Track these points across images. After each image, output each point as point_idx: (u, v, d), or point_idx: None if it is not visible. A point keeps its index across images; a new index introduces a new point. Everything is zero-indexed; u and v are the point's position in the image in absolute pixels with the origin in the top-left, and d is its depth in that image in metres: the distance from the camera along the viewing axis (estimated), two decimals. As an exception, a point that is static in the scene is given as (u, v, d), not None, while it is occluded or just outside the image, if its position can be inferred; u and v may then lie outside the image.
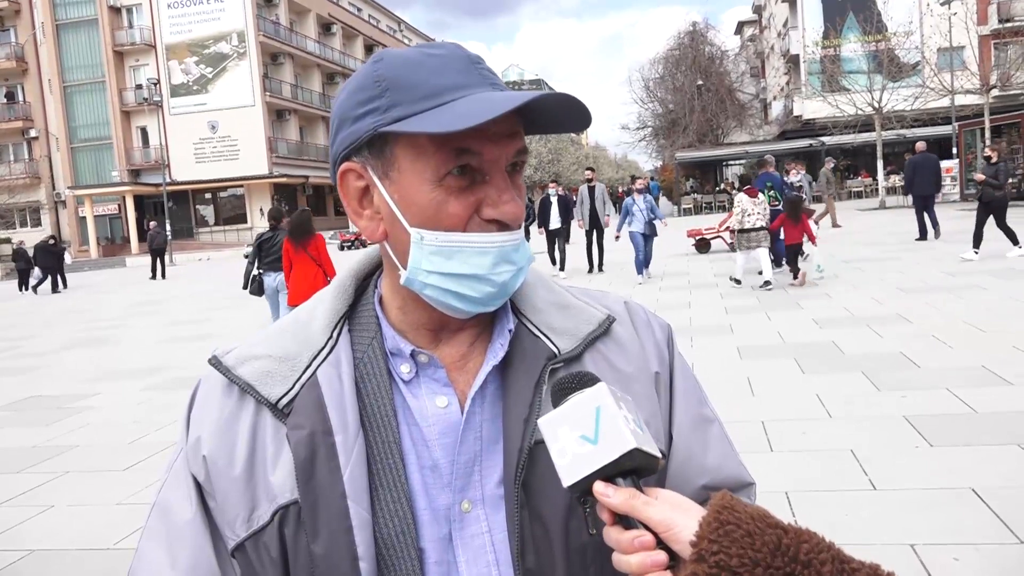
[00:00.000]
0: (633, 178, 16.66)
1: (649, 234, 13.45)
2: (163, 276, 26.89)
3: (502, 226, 0.84)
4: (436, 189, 0.82)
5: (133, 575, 0.88)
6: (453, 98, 0.81)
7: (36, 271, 25.59)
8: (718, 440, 0.97)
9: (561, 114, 0.85)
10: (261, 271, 9.24)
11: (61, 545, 4.31)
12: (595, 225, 15.01)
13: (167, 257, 35.70)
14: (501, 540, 0.84)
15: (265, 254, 9.25)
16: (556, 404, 0.75)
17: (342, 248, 35.85)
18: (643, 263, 13.53)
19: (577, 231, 16.14)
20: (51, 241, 26.18)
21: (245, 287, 9.38)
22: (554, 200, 15.54)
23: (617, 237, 14.00)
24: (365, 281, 0.98)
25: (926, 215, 15.99)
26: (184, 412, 0.93)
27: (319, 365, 0.87)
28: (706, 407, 0.99)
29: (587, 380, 0.75)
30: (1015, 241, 12.06)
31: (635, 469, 0.71)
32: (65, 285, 25.62)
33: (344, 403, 0.85)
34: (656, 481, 0.89)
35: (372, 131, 0.83)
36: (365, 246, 36.03)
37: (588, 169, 15.88)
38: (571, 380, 0.76)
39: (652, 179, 43.69)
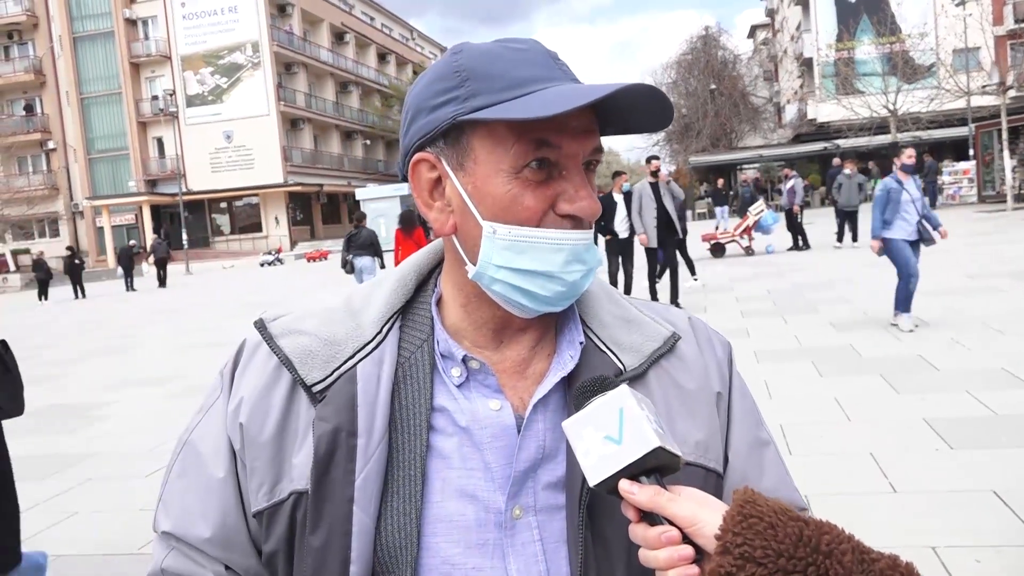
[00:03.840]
0: (897, 146, 9.27)
1: (926, 239, 8.22)
2: (163, 284, 27.89)
3: (576, 223, 0.83)
4: (512, 181, 0.81)
5: (166, 508, 0.93)
6: (534, 89, 0.79)
7: (120, 270, 28.89)
8: (773, 463, 0.97)
9: (640, 111, 0.83)
10: (352, 256, 12.17)
11: (85, 551, 4.35)
12: (667, 237, 10.70)
13: (186, 265, 36.17)
14: (553, 550, 0.83)
15: (353, 244, 12.21)
16: (579, 407, 0.76)
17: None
18: (909, 293, 8.01)
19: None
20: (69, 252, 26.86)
21: (343, 267, 12.40)
22: (619, 200, 11.29)
23: (879, 246, 8.20)
24: (427, 277, 0.96)
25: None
26: (228, 366, 0.94)
27: (361, 359, 0.87)
28: (763, 429, 0.98)
29: (608, 383, 0.77)
30: (692, 271, 12.92)
31: (658, 467, 0.73)
32: (133, 288, 27.37)
33: (376, 405, 0.84)
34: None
35: (451, 120, 0.81)
36: (282, 263, 36.26)
37: (652, 158, 11.09)
38: (593, 384, 0.77)
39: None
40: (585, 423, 0.74)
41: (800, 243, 17.92)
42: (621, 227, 11.32)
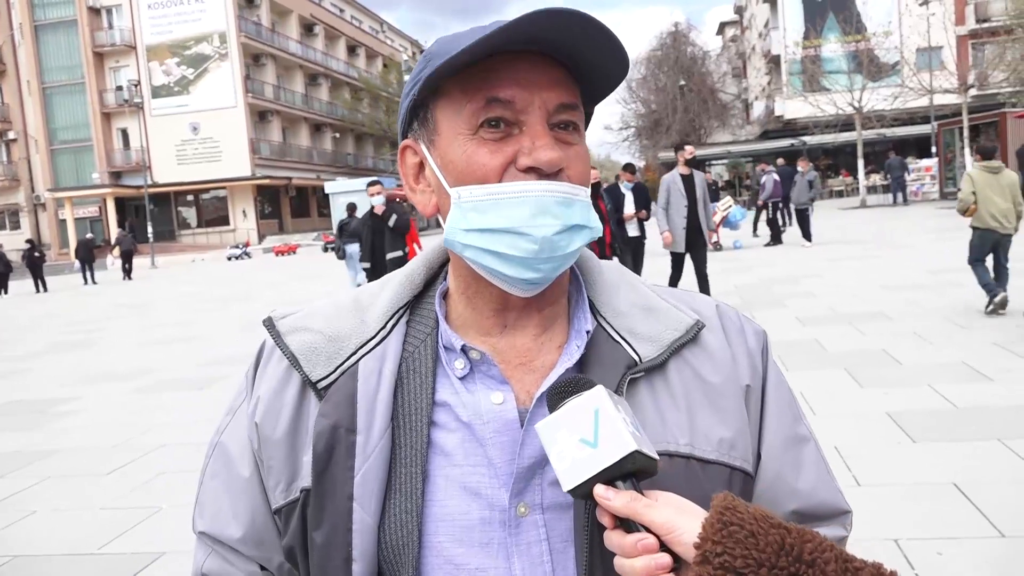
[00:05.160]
0: None
1: None
2: (129, 277, 28.16)
3: (542, 177, 0.79)
4: (469, 142, 0.80)
5: (202, 509, 0.94)
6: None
7: (77, 264, 29.31)
8: (813, 462, 0.90)
9: (601, 66, 0.80)
10: (344, 243, 13.45)
11: (44, 551, 4.26)
12: (695, 242, 9.09)
13: (151, 259, 35.65)
14: (560, 550, 0.80)
15: (345, 232, 13.47)
16: (552, 409, 0.74)
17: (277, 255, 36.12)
18: None
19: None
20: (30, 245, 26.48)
21: (335, 251, 13.81)
22: (627, 192, 10.10)
23: None
24: (440, 270, 0.95)
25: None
26: (250, 367, 0.94)
27: (364, 355, 0.86)
28: (801, 424, 0.92)
29: (584, 384, 0.74)
30: None
31: (635, 472, 0.71)
32: (94, 281, 27.57)
33: (376, 401, 0.83)
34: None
35: (412, 97, 0.83)
36: (250, 256, 36.01)
37: (685, 143, 9.64)
38: (568, 385, 0.75)
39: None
40: (559, 425, 0.72)
41: (771, 238, 18.06)
42: (631, 227, 10.18)
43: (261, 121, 48.23)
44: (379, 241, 9.14)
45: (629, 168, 10.97)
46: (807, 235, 17.21)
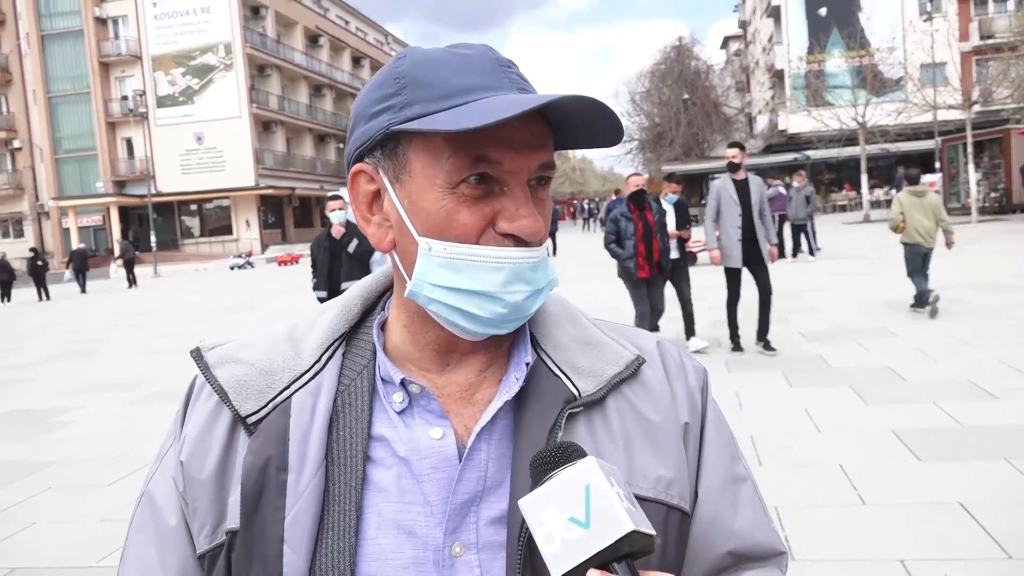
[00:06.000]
0: None
1: None
2: (133, 284, 28.72)
3: (519, 242, 0.77)
4: (447, 196, 0.76)
5: (125, 563, 0.88)
6: (472, 99, 0.75)
7: (67, 273, 29.35)
8: (749, 502, 0.89)
9: (589, 125, 0.79)
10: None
11: (43, 563, 4.24)
12: (753, 257, 7.88)
13: (154, 268, 35.73)
14: None
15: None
16: (537, 481, 0.68)
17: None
18: None
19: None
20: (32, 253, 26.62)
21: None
22: (669, 209, 8.68)
23: None
24: (378, 300, 0.92)
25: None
26: (180, 407, 0.90)
27: (296, 390, 0.82)
28: (739, 464, 0.91)
29: (571, 453, 0.69)
30: None
31: (631, 553, 0.65)
32: (84, 290, 27.82)
33: (309, 438, 0.80)
34: (677, 545, 0.82)
35: (384, 130, 0.78)
36: (252, 266, 35.86)
37: (733, 145, 8.22)
38: (553, 454, 0.69)
39: None
40: (545, 502, 0.66)
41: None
42: (673, 248, 8.53)
43: (265, 131, 48.36)
44: (336, 267, 7.87)
45: (673, 179, 9.56)
46: (810, 249, 17.22)
